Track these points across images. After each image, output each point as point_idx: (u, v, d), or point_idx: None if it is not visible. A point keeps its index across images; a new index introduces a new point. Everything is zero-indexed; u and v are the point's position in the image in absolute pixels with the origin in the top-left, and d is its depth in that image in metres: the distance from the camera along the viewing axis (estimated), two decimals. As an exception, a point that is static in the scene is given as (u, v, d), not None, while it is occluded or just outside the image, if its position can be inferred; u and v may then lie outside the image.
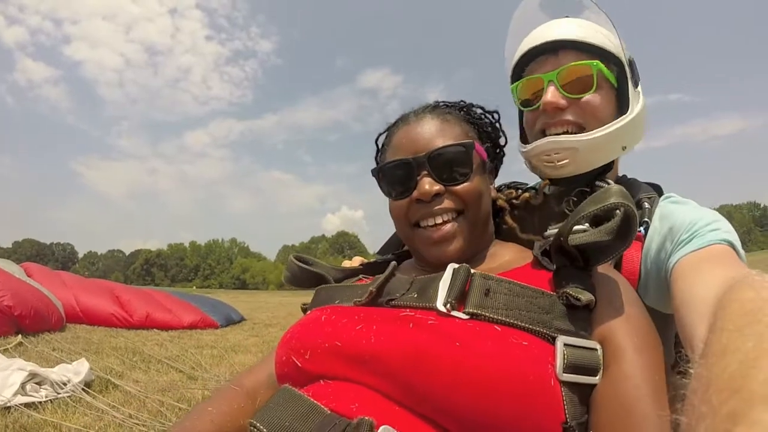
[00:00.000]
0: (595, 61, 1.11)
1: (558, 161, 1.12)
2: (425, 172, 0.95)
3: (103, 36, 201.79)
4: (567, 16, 1.22)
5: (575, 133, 1.11)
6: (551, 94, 1.11)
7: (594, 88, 1.11)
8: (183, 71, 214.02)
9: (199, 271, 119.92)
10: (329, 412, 0.69)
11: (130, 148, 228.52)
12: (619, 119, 1.12)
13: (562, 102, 1.11)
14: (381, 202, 1.18)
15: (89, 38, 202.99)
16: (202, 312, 9.22)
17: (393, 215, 1.02)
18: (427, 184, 0.93)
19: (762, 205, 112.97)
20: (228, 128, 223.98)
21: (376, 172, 1.04)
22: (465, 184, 0.95)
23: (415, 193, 0.95)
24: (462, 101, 1.12)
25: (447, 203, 0.95)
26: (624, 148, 1.16)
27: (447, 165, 0.95)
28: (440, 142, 0.96)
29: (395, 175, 0.99)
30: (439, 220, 0.95)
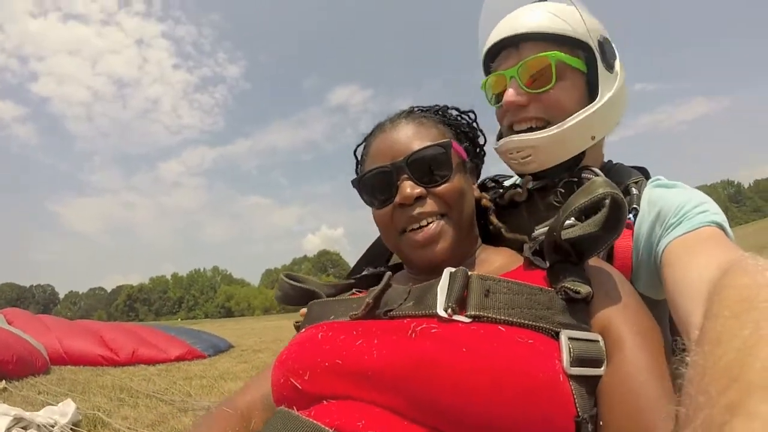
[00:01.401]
0: (553, 52, 1.08)
1: (521, 159, 1.11)
2: (405, 176, 0.93)
3: (70, 71, 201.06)
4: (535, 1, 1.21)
5: (541, 128, 1.10)
6: (510, 93, 1.10)
7: (553, 80, 1.08)
8: (152, 101, 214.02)
9: (183, 303, 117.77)
10: (330, 430, 0.66)
11: (103, 182, 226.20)
12: (578, 113, 1.08)
13: (521, 99, 1.09)
14: (361, 218, 1.21)
15: (56, 74, 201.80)
16: (189, 344, 9.09)
17: (378, 225, 1.00)
18: (408, 188, 0.91)
19: (735, 182, 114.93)
20: (201, 156, 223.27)
21: (356, 183, 1.02)
22: (446, 184, 0.93)
23: (397, 198, 0.93)
24: (437, 105, 1.10)
25: (430, 205, 0.92)
26: (593, 138, 1.12)
27: (426, 167, 0.93)
28: (417, 145, 0.94)
29: (375, 184, 0.97)
30: (423, 223, 0.92)
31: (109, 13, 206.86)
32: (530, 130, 1.11)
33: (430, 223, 0.93)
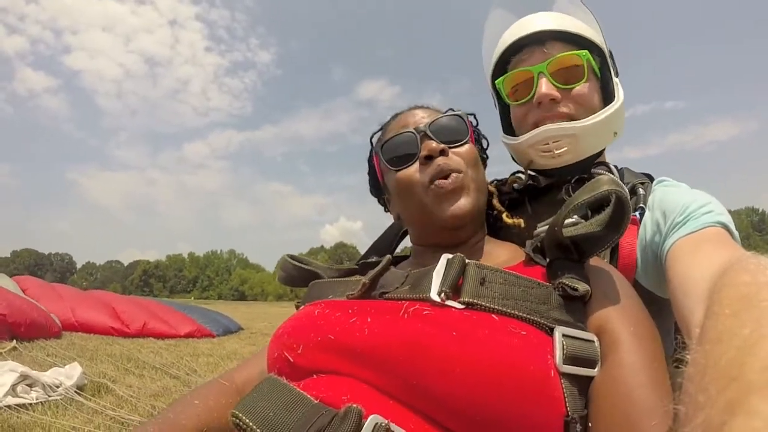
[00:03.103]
0: (585, 51, 1.11)
1: (556, 149, 1.11)
2: (427, 138, 0.97)
3: (103, 46, 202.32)
4: (549, 10, 1.22)
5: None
6: (545, 87, 1.10)
7: (585, 78, 1.10)
8: (182, 82, 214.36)
9: (197, 283, 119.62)
10: (316, 402, 0.66)
11: (128, 158, 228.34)
12: (610, 105, 1.12)
13: (557, 94, 1.10)
14: (380, 213, 1.19)
15: (89, 48, 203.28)
16: (199, 323, 9.22)
17: (401, 186, 0.99)
18: (434, 143, 0.95)
19: (760, 210, 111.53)
20: (227, 139, 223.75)
21: (379, 147, 1.04)
22: (465, 146, 0.98)
23: (423, 151, 0.95)
24: (447, 109, 1.13)
25: (452, 161, 0.95)
26: (615, 134, 1.16)
27: (446, 130, 0.98)
28: (436, 115, 1.00)
29: (400, 146, 1.00)
30: (449, 173, 0.94)
31: None
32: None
33: (456, 172, 0.94)
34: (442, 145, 0.95)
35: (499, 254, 0.99)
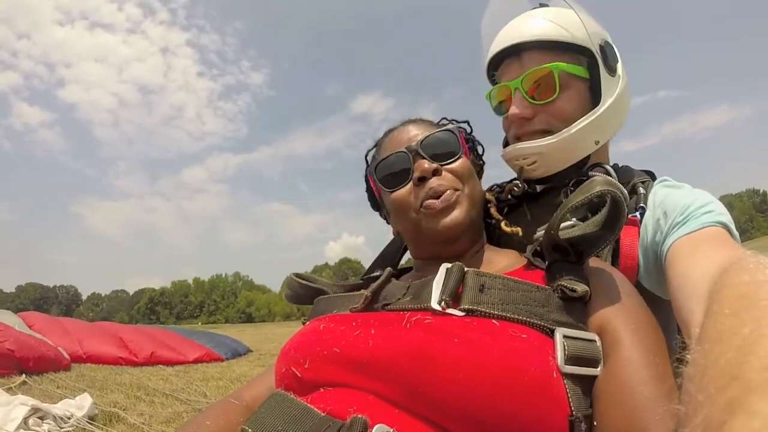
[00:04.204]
0: (555, 63, 1.09)
1: (527, 166, 1.13)
2: (419, 157, 0.97)
3: (96, 78, 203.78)
4: (540, 4, 1.22)
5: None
6: (516, 106, 1.11)
7: (557, 92, 1.09)
8: (177, 108, 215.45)
9: (204, 307, 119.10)
10: (323, 415, 0.68)
11: (128, 187, 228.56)
12: (581, 120, 1.09)
13: (527, 112, 1.11)
14: (383, 226, 1.21)
15: (82, 80, 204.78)
16: (207, 347, 9.20)
17: (396, 206, 1.01)
18: (426, 164, 0.95)
19: (761, 191, 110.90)
20: (224, 163, 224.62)
21: (373, 168, 1.05)
22: (458, 161, 0.98)
23: (416, 173, 0.96)
24: (441, 118, 1.16)
25: (446, 179, 0.96)
26: (597, 142, 1.13)
27: (438, 147, 0.99)
28: (428, 132, 1.01)
29: (393, 167, 1.01)
30: (441, 193, 0.95)
31: (135, 21, 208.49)
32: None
33: (447, 190, 0.95)
34: (435, 165, 0.96)
35: (499, 261, 0.99)
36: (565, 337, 0.71)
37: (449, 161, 0.98)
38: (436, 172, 0.96)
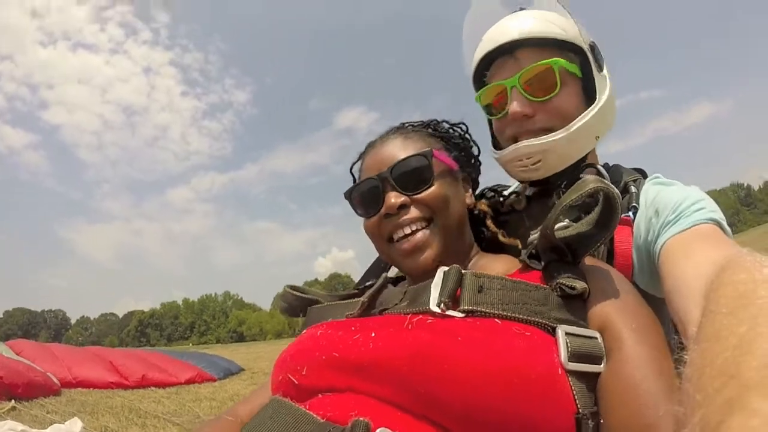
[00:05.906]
0: (555, 59, 1.07)
1: (531, 164, 1.09)
2: (389, 186, 0.96)
3: (80, 99, 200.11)
4: (521, 8, 1.19)
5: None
6: (516, 104, 1.08)
7: (558, 88, 1.07)
8: (161, 129, 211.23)
9: (194, 328, 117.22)
10: (323, 420, 0.67)
11: (114, 209, 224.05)
12: (585, 113, 1.08)
13: (529, 110, 1.08)
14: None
15: (66, 102, 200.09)
16: (199, 368, 9.10)
17: (368, 234, 1.03)
18: (392, 198, 0.94)
19: (745, 185, 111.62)
20: (210, 182, 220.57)
21: (347, 196, 1.05)
22: (428, 190, 0.95)
23: (382, 209, 0.96)
24: (432, 120, 1.13)
25: (414, 212, 0.95)
26: (597, 138, 1.12)
27: (408, 175, 0.96)
28: (401, 156, 0.98)
29: (365, 196, 1.01)
30: (408, 231, 0.94)
31: (117, 42, 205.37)
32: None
33: (416, 231, 0.95)
34: (402, 198, 0.95)
35: (495, 267, 0.98)
36: (567, 334, 0.71)
37: (419, 191, 0.95)
38: (402, 207, 0.95)
